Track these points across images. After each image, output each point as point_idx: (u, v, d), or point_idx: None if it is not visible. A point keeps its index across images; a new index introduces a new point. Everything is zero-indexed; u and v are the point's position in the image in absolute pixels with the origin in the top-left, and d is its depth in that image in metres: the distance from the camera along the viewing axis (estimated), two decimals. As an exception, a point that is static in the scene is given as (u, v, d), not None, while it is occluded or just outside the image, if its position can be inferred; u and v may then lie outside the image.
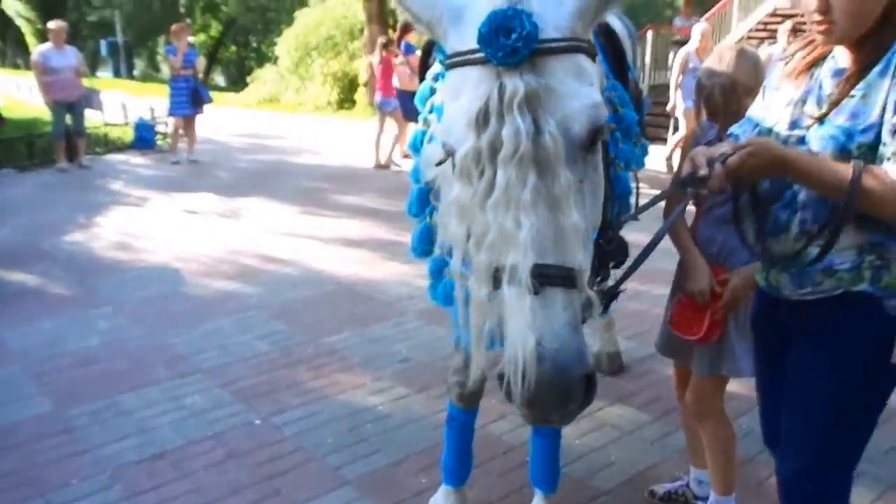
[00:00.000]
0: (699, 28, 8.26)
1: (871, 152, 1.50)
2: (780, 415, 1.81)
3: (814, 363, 1.68)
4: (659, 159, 7.74)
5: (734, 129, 1.83)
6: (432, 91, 2.06)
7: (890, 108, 1.47)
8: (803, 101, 1.64)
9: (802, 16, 1.69)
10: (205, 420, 3.15)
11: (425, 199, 2.06)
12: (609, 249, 1.55)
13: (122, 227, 6.49)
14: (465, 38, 1.27)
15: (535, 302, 1.17)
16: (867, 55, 1.53)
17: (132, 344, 3.94)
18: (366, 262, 5.35)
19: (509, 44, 1.19)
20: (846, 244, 1.56)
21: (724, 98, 2.14)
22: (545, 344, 1.16)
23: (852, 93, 1.53)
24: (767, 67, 2.00)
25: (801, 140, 1.61)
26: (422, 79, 2.22)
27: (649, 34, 12.42)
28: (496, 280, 1.22)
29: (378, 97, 9.00)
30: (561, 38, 1.24)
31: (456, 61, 1.28)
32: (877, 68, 1.51)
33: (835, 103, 1.55)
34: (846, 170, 1.45)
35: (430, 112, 2.04)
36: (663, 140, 8.98)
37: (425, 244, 2.10)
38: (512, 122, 1.17)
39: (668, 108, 8.41)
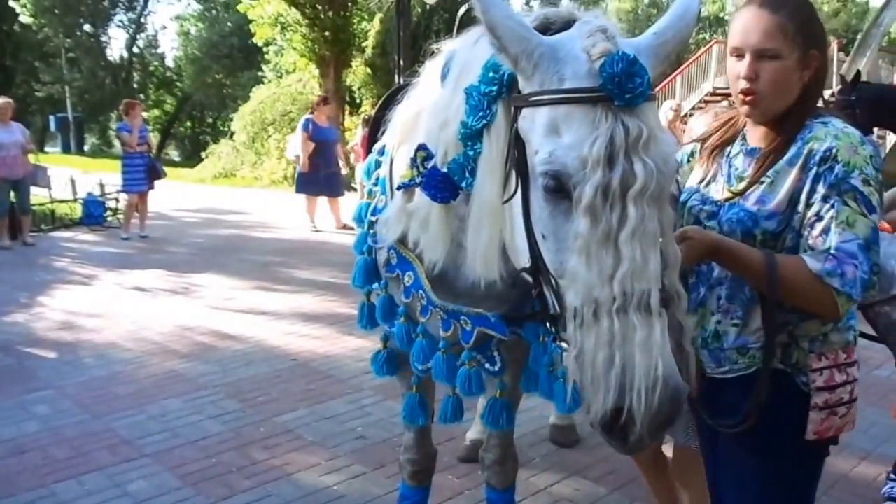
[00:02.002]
0: (669, 104, 8.71)
1: (773, 239, 1.55)
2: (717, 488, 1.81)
3: (741, 445, 1.66)
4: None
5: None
6: (377, 164, 2.11)
7: (803, 201, 1.51)
8: (713, 179, 1.70)
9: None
10: (150, 508, 3.01)
11: (372, 271, 2.08)
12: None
13: (66, 306, 6.30)
14: (564, 76, 1.31)
15: (657, 327, 1.23)
16: (782, 137, 1.57)
17: (73, 429, 3.77)
18: (321, 338, 5.29)
19: (635, 87, 1.26)
20: (757, 325, 1.59)
21: None
22: (665, 369, 1.22)
23: (762, 178, 1.58)
24: None
25: (712, 215, 1.65)
26: (368, 152, 2.28)
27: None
28: (612, 311, 1.24)
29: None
30: (651, 86, 1.33)
31: (565, 98, 1.30)
32: (786, 156, 1.55)
33: (752, 183, 1.59)
34: (762, 258, 1.50)
35: (376, 185, 2.08)
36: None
37: (387, 315, 2.09)
38: (639, 160, 1.25)
39: None
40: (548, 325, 1.46)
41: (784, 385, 1.58)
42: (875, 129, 6.31)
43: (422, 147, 1.70)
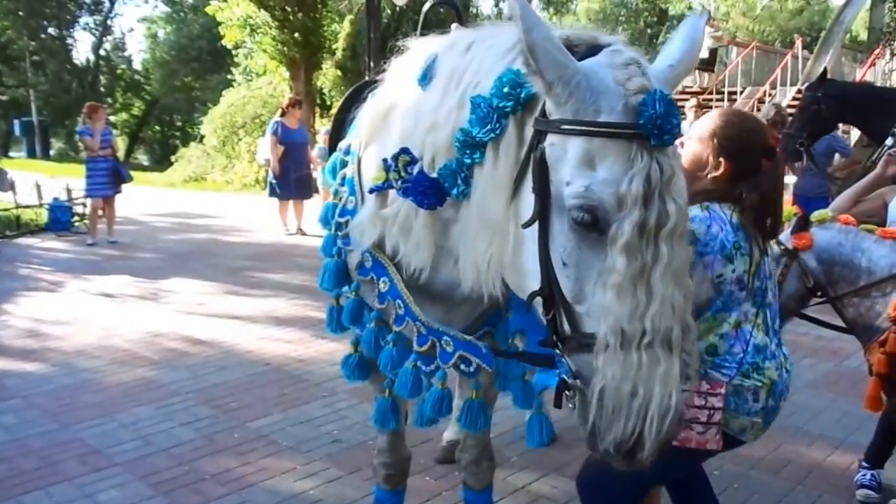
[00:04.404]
0: None
1: None
2: None
3: None
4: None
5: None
6: (343, 164, 2.06)
7: None
8: None
9: (705, 92, 1.94)
10: (121, 518, 2.95)
11: (342, 274, 2.04)
12: None
13: (32, 313, 6.14)
14: (600, 108, 1.30)
15: (675, 361, 1.29)
16: None
17: (40, 439, 3.67)
18: (294, 342, 5.23)
19: (672, 128, 1.29)
20: None
21: None
22: (676, 398, 1.29)
23: None
24: None
25: None
26: (331, 152, 2.24)
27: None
28: (641, 346, 1.28)
29: None
30: None
31: (601, 131, 1.30)
32: None
33: None
34: None
35: (342, 185, 2.03)
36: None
37: (355, 318, 2.05)
38: (671, 199, 1.29)
39: None
40: (556, 349, 1.45)
41: None
42: (840, 125, 6.43)
43: (404, 151, 1.66)
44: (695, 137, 2.07)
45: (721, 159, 1.98)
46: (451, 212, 1.61)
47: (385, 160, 1.75)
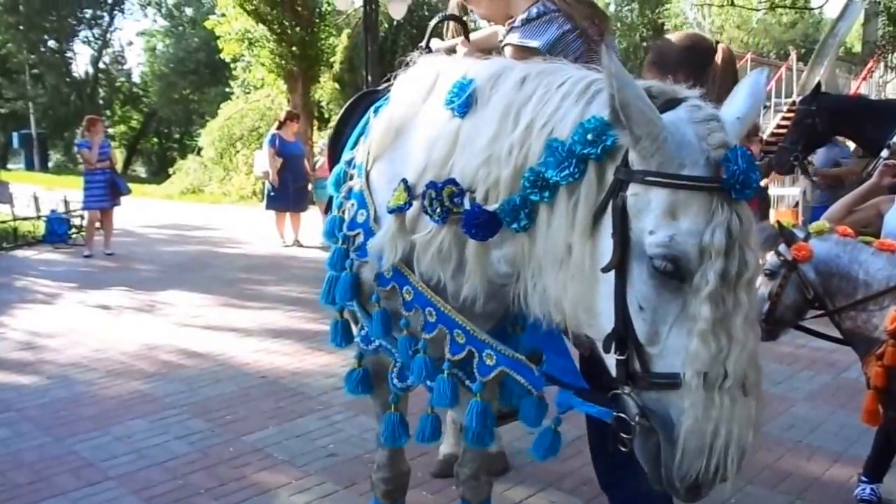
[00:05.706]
0: None
1: None
2: None
3: None
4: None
5: None
6: (348, 176, 2.03)
7: None
8: None
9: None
10: (114, 533, 2.92)
11: (355, 287, 2.01)
12: None
13: (27, 326, 6.12)
14: (684, 162, 1.35)
15: (752, 403, 1.36)
16: None
17: (34, 453, 3.64)
18: (290, 354, 5.21)
19: (751, 182, 1.34)
20: None
21: None
22: (751, 438, 1.35)
23: None
24: None
25: None
26: (334, 163, 2.22)
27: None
28: (725, 388, 1.33)
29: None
30: None
31: (685, 184, 1.34)
32: None
33: None
34: None
35: (348, 198, 1.99)
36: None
37: (386, 330, 1.98)
38: (749, 250, 1.35)
39: None
40: (619, 384, 1.47)
41: None
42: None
43: (451, 182, 1.66)
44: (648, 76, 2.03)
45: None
46: (496, 237, 1.61)
47: (405, 180, 1.75)
